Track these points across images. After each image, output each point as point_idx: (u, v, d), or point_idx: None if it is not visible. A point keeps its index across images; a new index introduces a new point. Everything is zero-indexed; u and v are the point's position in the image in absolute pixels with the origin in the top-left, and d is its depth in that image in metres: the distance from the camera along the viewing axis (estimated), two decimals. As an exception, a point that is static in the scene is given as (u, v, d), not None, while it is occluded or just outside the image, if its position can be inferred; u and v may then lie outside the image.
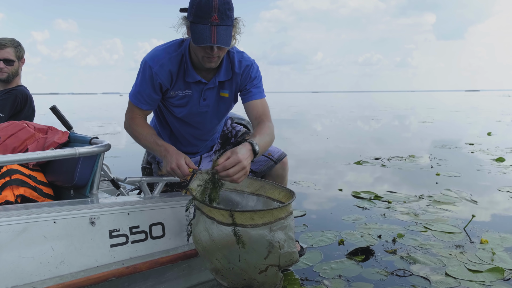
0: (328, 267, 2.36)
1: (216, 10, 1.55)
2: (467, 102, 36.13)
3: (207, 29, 1.56)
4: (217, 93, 1.89)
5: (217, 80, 1.83)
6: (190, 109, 1.90)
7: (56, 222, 1.43)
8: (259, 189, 1.78)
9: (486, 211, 3.48)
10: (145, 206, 1.66)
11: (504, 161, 5.80)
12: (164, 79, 1.78)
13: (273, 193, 1.75)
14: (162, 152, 1.72)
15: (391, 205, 3.65)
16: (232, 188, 1.77)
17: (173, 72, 1.78)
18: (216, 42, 1.56)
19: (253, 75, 1.89)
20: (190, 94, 1.85)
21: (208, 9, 1.55)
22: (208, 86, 1.84)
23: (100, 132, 11.08)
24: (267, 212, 1.43)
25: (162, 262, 1.66)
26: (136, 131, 1.83)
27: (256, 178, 1.80)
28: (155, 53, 1.77)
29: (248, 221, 1.42)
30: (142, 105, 1.84)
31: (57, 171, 1.90)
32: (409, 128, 12.38)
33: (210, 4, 1.55)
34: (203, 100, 1.88)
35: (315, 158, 6.44)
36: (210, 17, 1.55)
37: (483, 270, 2.30)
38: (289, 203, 1.50)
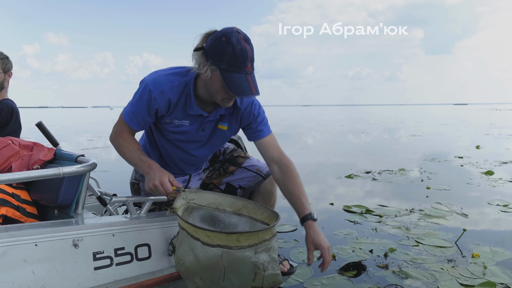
0: (319, 282, 2.34)
1: (250, 59, 1.58)
2: (455, 116, 36.58)
3: (244, 79, 1.58)
4: (215, 125, 1.89)
5: (218, 114, 1.83)
6: (187, 137, 1.89)
7: (38, 244, 1.38)
8: (241, 208, 1.76)
9: (476, 225, 3.49)
10: (131, 227, 1.62)
11: (493, 174, 5.84)
12: (162, 106, 1.76)
13: (255, 213, 1.73)
14: (145, 169, 1.70)
15: (382, 219, 3.64)
16: (214, 207, 1.75)
17: (172, 101, 1.77)
18: (256, 92, 1.60)
19: (256, 112, 1.89)
20: (187, 125, 1.84)
21: (244, 59, 1.57)
22: (208, 119, 1.84)
23: (89, 146, 10.98)
24: (253, 234, 1.42)
25: (148, 285, 1.61)
26: (121, 144, 1.81)
27: (239, 198, 1.77)
28: (158, 78, 1.74)
29: (234, 242, 1.41)
30: (134, 125, 1.82)
31: (41, 190, 1.85)
32: (399, 141, 12.46)
33: (245, 54, 1.57)
34: (201, 130, 1.87)
35: (306, 171, 6.43)
36: (245, 66, 1.58)
37: (475, 285, 2.29)
38: (274, 225, 1.50)
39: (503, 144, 10.60)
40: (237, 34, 1.58)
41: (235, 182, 2.14)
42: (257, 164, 2.12)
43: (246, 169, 2.11)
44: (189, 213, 1.71)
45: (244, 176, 2.12)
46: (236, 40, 1.56)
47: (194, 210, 1.73)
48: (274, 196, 2.15)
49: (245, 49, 1.57)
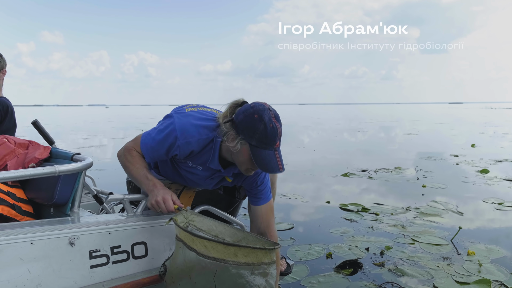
0: (315, 280, 2.34)
1: (279, 137, 1.64)
2: (451, 114, 36.73)
3: (273, 156, 1.62)
4: (223, 177, 1.91)
5: (232, 172, 1.85)
6: (193, 178, 1.91)
7: (34, 243, 1.38)
8: (241, 240, 1.72)
9: (472, 223, 3.51)
10: (127, 225, 1.61)
11: (488, 172, 5.87)
12: (182, 154, 1.77)
13: (256, 245, 1.68)
14: (149, 186, 1.71)
15: (378, 217, 3.65)
16: (214, 235, 1.73)
17: (195, 152, 1.78)
18: (283, 169, 1.64)
19: (259, 182, 1.90)
20: (200, 170, 1.85)
21: (275, 137, 1.62)
22: (222, 174, 1.86)
23: (85, 144, 10.94)
24: (252, 251, 1.40)
25: (144, 283, 1.61)
26: (128, 160, 1.80)
27: (240, 230, 1.75)
28: (187, 127, 1.73)
29: (231, 257, 1.39)
30: (147, 158, 1.81)
31: (37, 188, 1.84)
32: (395, 140, 12.50)
33: (276, 132, 1.62)
34: (210, 179, 1.90)
35: (302, 170, 6.44)
36: (275, 144, 1.62)
37: (470, 282, 2.30)
38: (274, 248, 1.47)
39: (498, 142, 10.67)
40: (268, 112, 1.62)
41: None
42: None
43: None
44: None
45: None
46: (268, 118, 1.60)
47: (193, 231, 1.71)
48: (274, 188, 2.16)
49: (276, 128, 1.61)
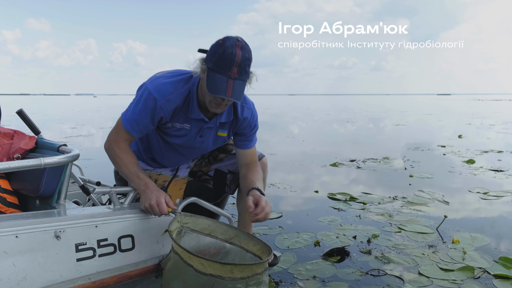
0: (303, 268, 2.37)
1: (237, 64, 1.57)
2: (439, 106, 37.06)
3: (224, 81, 1.57)
4: (215, 132, 1.90)
5: (218, 121, 1.85)
6: (185, 141, 1.89)
7: (18, 236, 1.37)
8: (233, 237, 1.75)
9: (457, 212, 3.57)
10: (114, 218, 1.61)
11: (474, 162, 5.96)
12: (167, 114, 1.75)
13: (247, 244, 1.72)
14: (141, 187, 1.71)
15: (366, 206, 3.69)
16: (207, 233, 1.75)
17: (178, 108, 1.76)
18: (231, 96, 1.58)
19: (253, 124, 1.94)
20: (188, 128, 1.84)
21: (230, 62, 1.56)
22: (208, 125, 1.84)
23: (73, 134, 10.83)
24: (247, 267, 1.44)
25: (131, 276, 1.61)
26: (117, 156, 1.77)
27: (232, 227, 1.77)
28: (162, 86, 1.72)
29: (228, 274, 1.41)
30: (135, 133, 1.79)
31: (22, 180, 1.82)
32: (383, 130, 12.60)
33: (233, 58, 1.56)
34: (199, 136, 1.87)
35: (291, 160, 6.47)
36: (230, 70, 1.57)
37: (454, 269, 2.35)
38: (267, 260, 1.51)
39: (485, 133, 10.81)
40: (234, 41, 1.58)
41: (224, 168, 2.16)
42: None
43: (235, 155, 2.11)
44: (181, 236, 1.70)
45: (233, 161, 2.14)
46: (230, 44, 1.57)
47: (186, 234, 1.72)
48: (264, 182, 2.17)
49: (234, 54, 1.56)
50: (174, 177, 2.06)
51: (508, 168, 5.53)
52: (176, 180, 2.06)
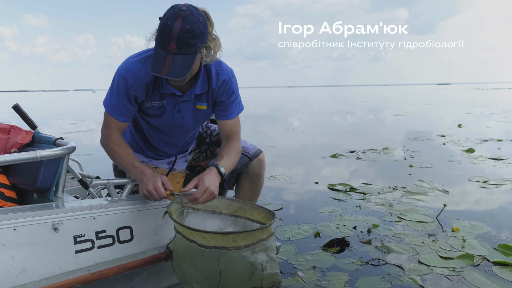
0: (303, 259, 2.38)
1: (175, 38, 1.47)
2: (438, 95, 37.01)
3: (162, 57, 1.50)
4: (193, 106, 1.84)
5: (193, 94, 1.78)
6: (165, 120, 1.86)
7: (16, 229, 1.37)
8: (237, 210, 1.75)
9: (457, 201, 3.58)
10: (112, 210, 1.61)
11: (474, 152, 5.97)
12: (140, 92, 1.72)
13: (252, 214, 1.72)
14: (137, 175, 1.69)
15: (366, 196, 3.70)
16: (210, 210, 1.75)
17: (149, 84, 1.73)
18: (166, 74, 1.50)
19: (230, 91, 1.84)
20: (165, 105, 1.80)
21: (168, 36, 1.48)
22: (182, 99, 1.79)
23: (73, 129, 10.83)
24: (250, 233, 1.42)
25: (130, 267, 1.62)
26: (112, 149, 1.77)
27: (235, 199, 1.77)
28: (130, 65, 1.70)
29: (231, 243, 1.40)
30: (119, 117, 1.76)
31: (19, 174, 1.82)
32: (383, 121, 12.59)
33: (170, 32, 1.47)
34: (177, 112, 1.82)
35: (291, 152, 6.48)
36: (168, 44, 1.48)
37: (454, 257, 2.36)
38: (271, 224, 1.49)
39: (484, 122, 10.81)
40: (177, 11, 1.49)
41: None
42: (244, 145, 2.08)
43: None
44: (185, 217, 1.70)
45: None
46: (170, 15, 1.48)
47: (189, 214, 1.72)
48: (262, 178, 2.15)
49: (172, 27, 1.46)
50: (171, 170, 2.05)
51: (507, 157, 5.54)
52: (173, 174, 2.05)
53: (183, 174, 2.09)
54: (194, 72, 1.67)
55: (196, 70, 1.67)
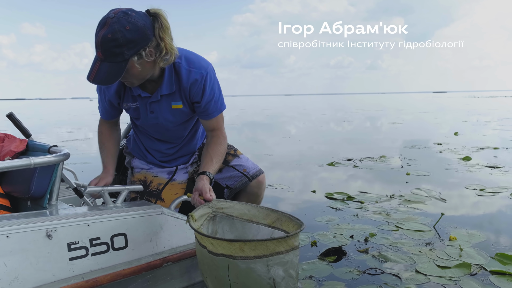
0: (299, 268, 2.37)
1: (99, 46, 1.50)
2: (435, 103, 37.18)
3: (93, 63, 1.54)
4: (167, 106, 1.82)
5: (159, 94, 1.77)
6: (142, 121, 1.90)
7: (9, 236, 1.36)
8: (275, 221, 1.64)
9: (454, 209, 3.58)
10: (106, 217, 1.60)
11: (471, 159, 5.98)
12: (112, 96, 1.83)
13: (288, 226, 1.59)
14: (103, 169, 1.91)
15: (363, 205, 3.70)
16: (247, 219, 1.67)
17: (120, 88, 1.80)
18: (93, 80, 1.53)
19: (206, 90, 1.77)
20: (139, 107, 1.85)
21: (95, 43, 1.51)
22: (151, 100, 1.79)
23: (70, 138, 10.80)
24: (260, 243, 1.29)
25: (125, 274, 1.61)
26: (98, 139, 1.98)
27: (274, 210, 1.65)
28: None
29: (238, 252, 1.30)
30: (103, 115, 1.96)
31: (13, 182, 1.82)
32: (380, 129, 12.62)
33: (95, 39, 1.50)
34: (150, 113, 1.84)
35: (288, 160, 6.47)
36: (96, 51, 1.52)
37: (451, 266, 2.35)
38: (288, 236, 1.33)
39: (481, 130, 10.84)
40: (105, 18, 1.50)
41: (222, 181, 2.10)
42: (244, 164, 2.08)
43: (233, 168, 2.07)
44: (218, 222, 1.66)
45: (230, 175, 2.07)
46: (99, 22, 1.51)
47: (224, 220, 1.67)
48: (260, 198, 2.13)
49: (96, 35, 1.50)
50: (170, 180, 2.04)
51: (504, 165, 5.55)
52: (172, 184, 2.04)
53: (183, 185, 2.07)
54: (143, 77, 1.66)
55: (145, 74, 1.65)
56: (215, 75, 1.82)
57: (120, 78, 1.55)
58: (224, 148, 1.89)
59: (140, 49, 1.53)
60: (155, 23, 1.55)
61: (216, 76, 1.84)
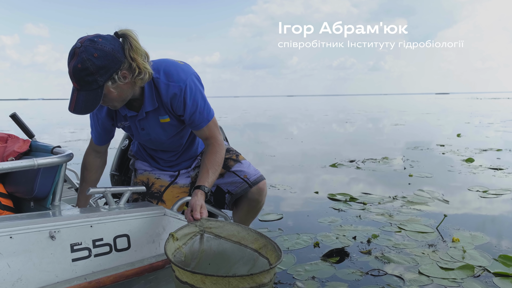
0: (302, 269, 2.37)
1: (72, 77, 1.51)
2: (437, 105, 37.09)
3: (71, 94, 1.56)
4: (155, 121, 1.83)
5: (144, 111, 1.77)
6: (136, 138, 1.96)
7: (13, 237, 1.36)
8: (262, 247, 1.60)
9: (457, 210, 3.57)
10: (109, 218, 1.60)
11: (474, 161, 5.96)
12: (104, 118, 1.86)
13: (271, 255, 1.54)
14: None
15: (366, 206, 3.69)
16: (236, 241, 1.64)
17: (111, 109, 1.83)
18: (73, 110, 1.55)
19: (187, 103, 1.74)
20: (131, 125, 1.88)
21: (69, 74, 1.52)
22: (138, 118, 1.81)
23: (73, 138, 10.83)
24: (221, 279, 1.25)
25: (128, 275, 1.61)
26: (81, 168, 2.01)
27: (263, 235, 1.62)
28: None
29: (200, 284, 1.26)
30: (95, 140, 1.96)
31: (16, 182, 1.82)
32: (382, 130, 12.60)
33: (68, 70, 1.52)
34: (141, 129, 1.86)
35: (291, 161, 6.47)
36: (72, 82, 1.53)
37: (454, 268, 2.35)
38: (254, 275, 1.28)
39: (483, 132, 10.82)
40: (73, 49, 1.50)
41: (224, 186, 2.09)
42: (246, 170, 2.07)
43: (234, 174, 2.06)
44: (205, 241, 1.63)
45: (232, 180, 2.07)
46: (69, 53, 1.52)
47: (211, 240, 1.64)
48: (260, 204, 2.12)
49: (68, 66, 1.52)
50: (172, 183, 2.05)
51: (507, 166, 5.54)
52: (173, 187, 2.04)
53: (185, 189, 2.07)
54: (124, 98, 1.67)
55: (125, 96, 1.65)
56: (197, 84, 1.77)
57: (98, 105, 1.57)
58: (221, 157, 1.85)
59: (113, 73, 1.53)
60: (124, 45, 1.55)
61: (199, 84, 1.78)
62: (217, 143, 1.86)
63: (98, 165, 2.01)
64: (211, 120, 1.84)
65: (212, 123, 1.85)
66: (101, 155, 2.00)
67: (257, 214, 2.18)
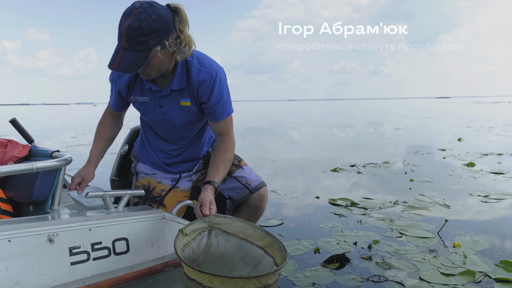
0: (302, 275, 2.36)
1: (124, 35, 1.52)
2: (438, 109, 37.09)
3: (116, 52, 1.56)
4: (176, 102, 1.84)
5: (169, 89, 1.80)
6: (150, 116, 1.92)
7: (11, 240, 1.36)
8: (269, 245, 1.63)
9: (458, 215, 3.56)
10: (108, 221, 1.60)
11: (475, 166, 5.95)
12: (122, 87, 1.86)
13: (277, 255, 1.57)
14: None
15: (367, 211, 3.68)
16: (243, 237, 1.66)
17: (131, 79, 1.83)
18: (115, 68, 1.56)
19: (214, 92, 1.79)
20: (148, 101, 1.86)
21: (119, 32, 1.54)
22: (161, 94, 1.82)
23: (73, 143, 10.83)
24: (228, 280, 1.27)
25: (126, 279, 1.61)
26: (97, 127, 2.03)
27: (269, 234, 1.64)
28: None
29: (207, 282, 1.29)
30: (112, 105, 2.00)
31: (15, 187, 1.83)
32: (383, 135, 12.60)
33: (120, 27, 1.53)
34: (159, 107, 1.86)
35: (291, 166, 6.47)
36: (120, 40, 1.54)
37: (455, 274, 2.34)
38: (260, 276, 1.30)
39: (484, 136, 10.81)
40: (131, 8, 1.53)
41: (225, 192, 2.10)
42: (247, 176, 2.07)
43: (236, 180, 2.06)
44: (213, 236, 1.65)
45: (233, 186, 2.07)
46: (124, 12, 1.54)
47: (219, 236, 1.66)
48: (261, 211, 2.13)
49: (122, 23, 1.53)
50: (173, 187, 2.04)
51: (508, 171, 5.52)
52: (174, 191, 2.04)
53: (186, 193, 2.07)
54: (161, 68, 1.69)
55: (163, 66, 1.69)
56: (226, 79, 1.85)
57: (142, 67, 1.58)
58: (232, 155, 1.89)
59: (164, 39, 1.58)
60: (175, 16, 1.61)
61: (226, 79, 1.86)
62: (229, 140, 1.90)
63: (114, 124, 2.05)
64: (230, 115, 1.90)
65: (230, 118, 1.91)
66: (115, 118, 2.06)
67: (257, 220, 2.18)
